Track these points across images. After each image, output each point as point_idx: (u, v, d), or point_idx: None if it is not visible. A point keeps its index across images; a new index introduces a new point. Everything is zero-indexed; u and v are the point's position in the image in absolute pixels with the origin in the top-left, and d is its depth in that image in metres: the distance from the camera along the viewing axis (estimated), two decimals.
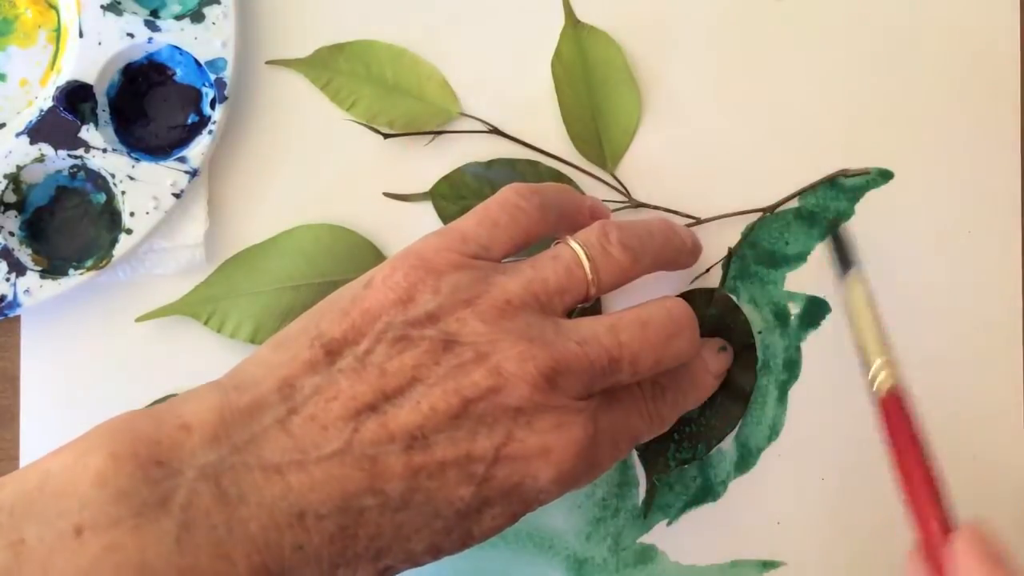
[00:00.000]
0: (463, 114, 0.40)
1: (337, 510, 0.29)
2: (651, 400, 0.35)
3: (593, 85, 0.40)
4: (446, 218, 0.40)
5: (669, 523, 0.40)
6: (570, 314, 0.34)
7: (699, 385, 0.37)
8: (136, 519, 0.27)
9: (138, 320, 0.39)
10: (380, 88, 0.40)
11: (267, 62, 0.40)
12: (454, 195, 0.40)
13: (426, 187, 0.40)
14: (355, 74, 0.40)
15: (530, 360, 0.30)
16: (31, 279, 0.37)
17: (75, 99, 0.38)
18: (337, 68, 0.40)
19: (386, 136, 0.39)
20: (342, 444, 0.29)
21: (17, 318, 0.39)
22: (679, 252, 0.37)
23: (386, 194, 0.40)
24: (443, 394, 0.30)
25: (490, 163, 0.40)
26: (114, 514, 0.27)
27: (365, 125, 0.39)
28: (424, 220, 0.40)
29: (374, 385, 0.30)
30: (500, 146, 0.40)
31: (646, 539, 0.40)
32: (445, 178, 0.40)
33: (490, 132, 0.40)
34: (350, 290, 0.33)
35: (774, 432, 0.40)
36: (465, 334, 0.31)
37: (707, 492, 0.40)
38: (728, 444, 0.40)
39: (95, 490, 0.27)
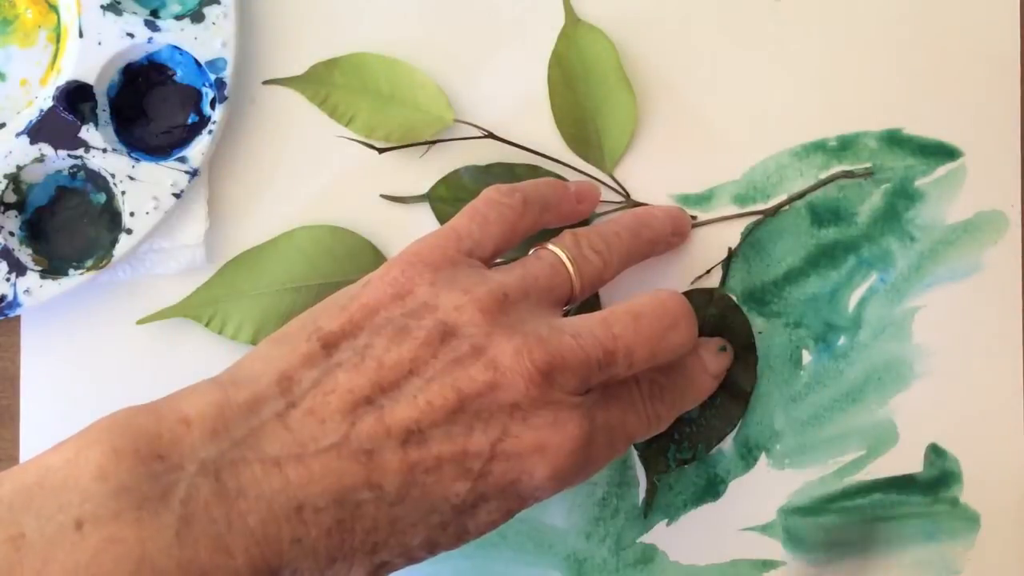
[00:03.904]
0: (458, 120, 0.40)
1: (334, 503, 0.29)
2: (649, 400, 0.35)
3: (592, 85, 0.40)
4: (444, 220, 0.40)
5: (669, 523, 0.40)
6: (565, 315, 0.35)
7: (697, 386, 0.37)
8: (137, 513, 0.27)
9: (139, 323, 0.39)
10: (376, 100, 0.40)
11: (264, 82, 0.40)
12: (451, 197, 0.40)
13: (425, 189, 0.40)
14: (351, 88, 0.40)
15: (526, 354, 0.31)
16: (31, 279, 0.37)
17: (75, 99, 0.38)
18: (333, 83, 0.40)
19: (381, 151, 0.39)
20: (339, 438, 0.29)
21: (17, 318, 0.39)
22: (653, 243, 0.38)
23: (383, 196, 0.40)
24: (440, 389, 0.30)
25: (489, 166, 0.40)
26: (115, 508, 0.27)
27: (360, 141, 0.40)
28: (425, 222, 0.40)
29: (371, 378, 0.30)
30: (497, 150, 0.40)
31: (646, 539, 0.40)
32: (442, 180, 0.40)
33: (485, 137, 0.40)
34: (349, 290, 0.33)
35: (774, 432, 0.40)
36: (463, 324, 0.31)
37: (707, 492, 0.40)
38: (728, 444, 0.40)
39: (96, 484, 0.27)
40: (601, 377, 0.32)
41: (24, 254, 0.38)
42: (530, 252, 0.35)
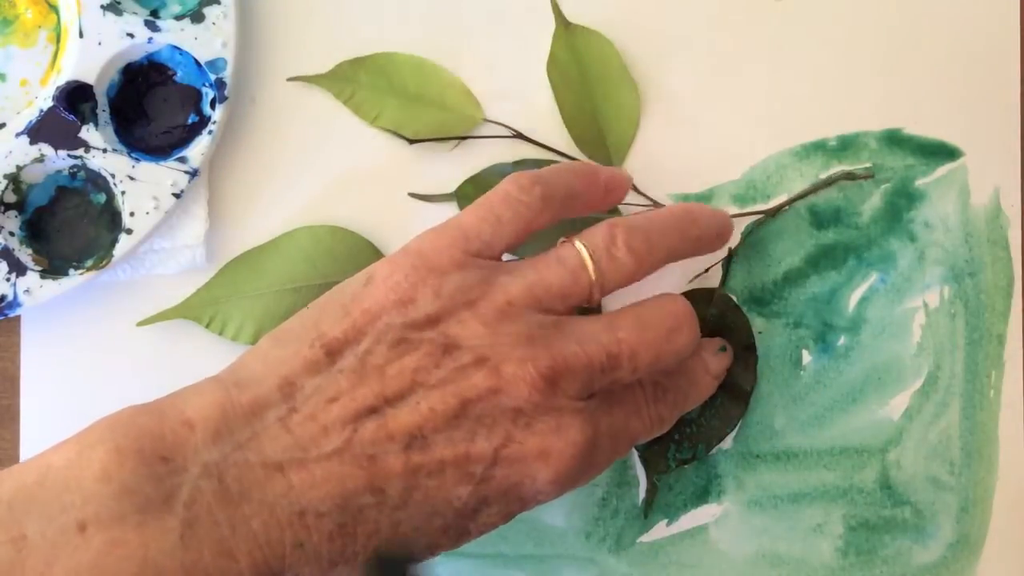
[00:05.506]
0: (487, 120, 0.40)
1: (336, 508, 0.29)
2: (652, 402, 0.35)
3: (591, 85, 0.40)
4: None
5: (669, 523, 0.40)
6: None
7: (699, 386, 0.37)
8: (140, 516, 0.27)
9: (139, 324, 0.39)
10: (403, 99, 0.40)
11: (289, 79, 0.40)
12: (479, 196, 0.39)
13: (429, 189, 0.40)
14: (377, 87, 0.40)
15: (530, 362, 0.30)
16: (31, 279, 0.37)
17: (75, 99, 0.38)
18: (358, 82, 0.40)
19: (412, 141, 0.39)
20: (342, 443, 0.29)
21: (17, 318, 0.39)
22: (699, 242, 0.36)
23: (411, 194, 0.40)
24: (442, 395, 0.30)
25: (517, 164, 0.40)
26: (118, 510, 0.27)
27: (391, 132, 0.39)
28: (427, 222, 0.40)
29: (374, 388, 0.30)
30: (522, 151, 0.40)
31: (646, 539, 0.40)
32: (470, 179, 0.40)
33: (514, 137, 0.40)
34: (350, 287, 0.32)
35: (774, 432, 0.40)
36: (465, 337, 0.31)
37: (707, 492, 0.40)
38: (728, 444, 0.40)
39: (99, 485, 0.27)
40: (604, 381, 0.32)
41: (24, 254, 0.38)
42: (559, 242, 0.34)
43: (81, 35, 0.38)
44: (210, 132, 0.38)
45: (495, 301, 0.31)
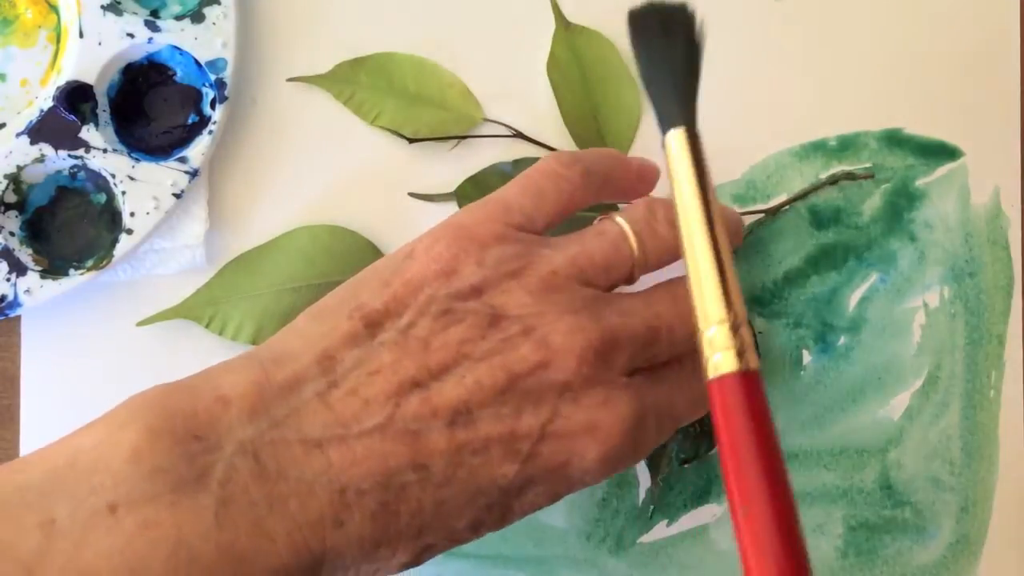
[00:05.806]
0: (487, 119, 0.40)
1: (378, 486, 0.28)
2: (694, 379, 0.34)
3: (591, 85, 0.40)
4: None
5: (669, 523, 0.40)
6: None
7: None
8: (173, 495, 0.26)
9: (139, 324, 0.39)
10: (403, 99, 0.40)
11: (288, 79, 0.40)
12: (479, 196, 0.39)
13: (427, 189, 0.40)
14: (377, 87, 0.40)
15: (579, 332, 0.30)
16: (31, 279, 0.37)
17: (75, 99, 0.38)
18: (358, 82, 0.40)
19: (411, 140, 0.39)
20: (384, 419, 0.29)
21: (17, 318, 0.39)
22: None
23: (411, 194, 0.40)
24: (489, 369, 0.29)
25: (516, 163, 0.40)
26: (150, 491, 0.26)
27: (391, 132, 0.39)
28: (428, 222, 0.40)
29: (418, 360, 0.29)
30: (522, 151, 0.40)
31: (646, 539, 0.40)
32: (470, 179, 0.40)
33: (514, 136, 0.40)
34: (391, 261, 0.32)
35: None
36: (511, 307, 0.30)
37: (707, 492, 0.40)
38: None
39: (130, 466, 0.27)
40: (645, 355, 0.31)
41: (24, 254, 0.38)
42: (596, 219, 0.34)
43: (81, 35, 0.38)
44: (210, 132, 0.38)
45: (539, 271, 0.31)
